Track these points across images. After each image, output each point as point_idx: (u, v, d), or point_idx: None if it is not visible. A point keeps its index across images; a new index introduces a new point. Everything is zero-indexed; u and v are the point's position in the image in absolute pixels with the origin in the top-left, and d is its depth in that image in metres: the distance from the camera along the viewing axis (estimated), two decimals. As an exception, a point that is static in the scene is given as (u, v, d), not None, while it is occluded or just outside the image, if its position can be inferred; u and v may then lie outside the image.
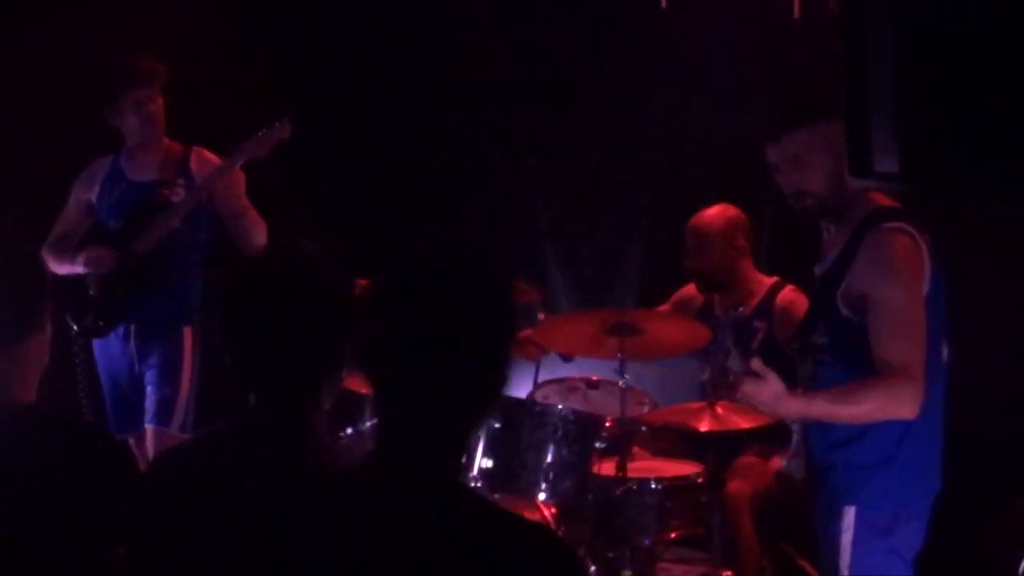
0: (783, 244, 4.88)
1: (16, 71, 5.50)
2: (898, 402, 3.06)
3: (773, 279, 4.86)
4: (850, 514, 3.18)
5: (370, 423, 5.28)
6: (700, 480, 4.37)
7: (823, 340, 3.26)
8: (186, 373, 4.84)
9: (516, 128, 6.31)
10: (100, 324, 4.88)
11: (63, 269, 4.83)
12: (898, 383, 3.05)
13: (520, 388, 5.32)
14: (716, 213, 4.86)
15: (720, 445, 4.33)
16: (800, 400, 3.17)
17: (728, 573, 4.34)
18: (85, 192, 5.00)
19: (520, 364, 5.57)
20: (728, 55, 5.59)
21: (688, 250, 4.88)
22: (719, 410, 4.23)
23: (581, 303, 6.02)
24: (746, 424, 4.18)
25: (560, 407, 4.48)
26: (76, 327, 4.89)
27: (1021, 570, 3.95)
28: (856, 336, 3.15)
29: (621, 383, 4.37)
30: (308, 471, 2.28)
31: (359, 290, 2.33)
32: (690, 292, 5.02)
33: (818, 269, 3.36)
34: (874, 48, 2.08)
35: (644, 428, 4.80)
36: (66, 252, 4.89)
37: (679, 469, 4.52)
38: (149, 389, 4.84)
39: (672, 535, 4.38)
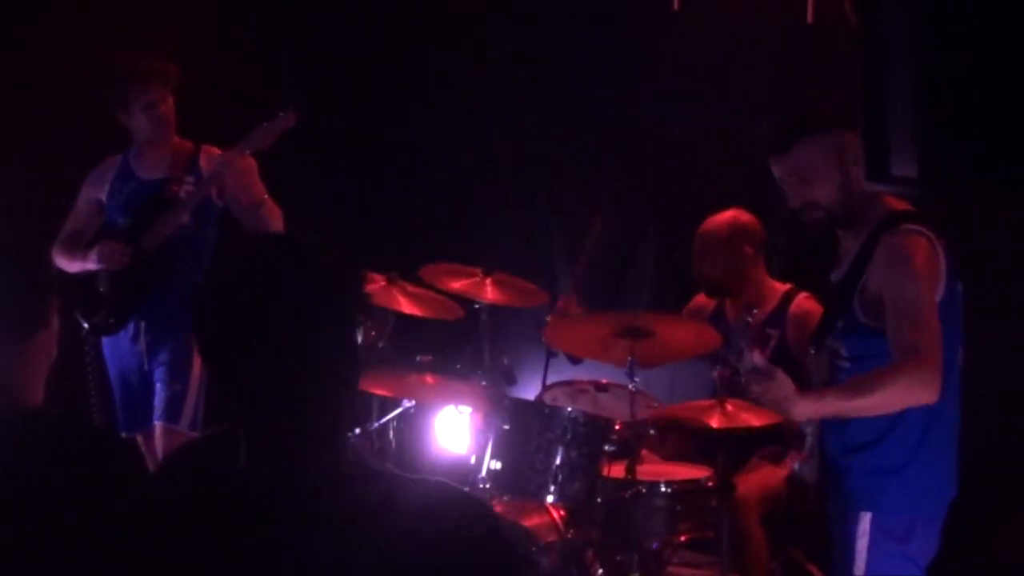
0: (798, 250, 4.86)
1: (25, 70, 5.52)
2: (915, 386, 3.02)
3: (787, 286, 4.84)
4: (866, 520, 3.17)
5: (378, 423, 5.30)
6: (709, 483, 4.36)
7: (839, 346, 3.24)
8: (196, 370, 4.85)
9: (525, 129, 6.30)
10: (111, 321, 4.89)
11: (75, 267, 4.84)
12: (913, 367, 3.01)
13: (529, 390, 5.32)
14: (723, 220, 4.84)
15: (730, 446, 4.31)
16: (811, 400, 3.15)
17: (736, 577, 4.34)
18: (95, 190, 5.00)
19: (529, 367, 5.57)
20: (740, 58, 5.59)
21: (695, 255, 4.88)
22: (729, 407, 4.21)
23: (591, 307, 6.01)
24: (757, 422, 4.17)
25: (569, 409, 4.47)
26: (86, 324, 4.89)
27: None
28: (874, 343, 3.14)
29: (631, 386, 4.36)
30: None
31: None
32: (701, 301, 5.02)
33: (834, 276, 3.35)
34: (891, 51, 2.07)
35: (652, 431, 4.79)
36: (77, 250, 4.89)
37: (689, 472, 4.51)
38: (159, 386, 4.85)
39: (681, 538, 4.37)
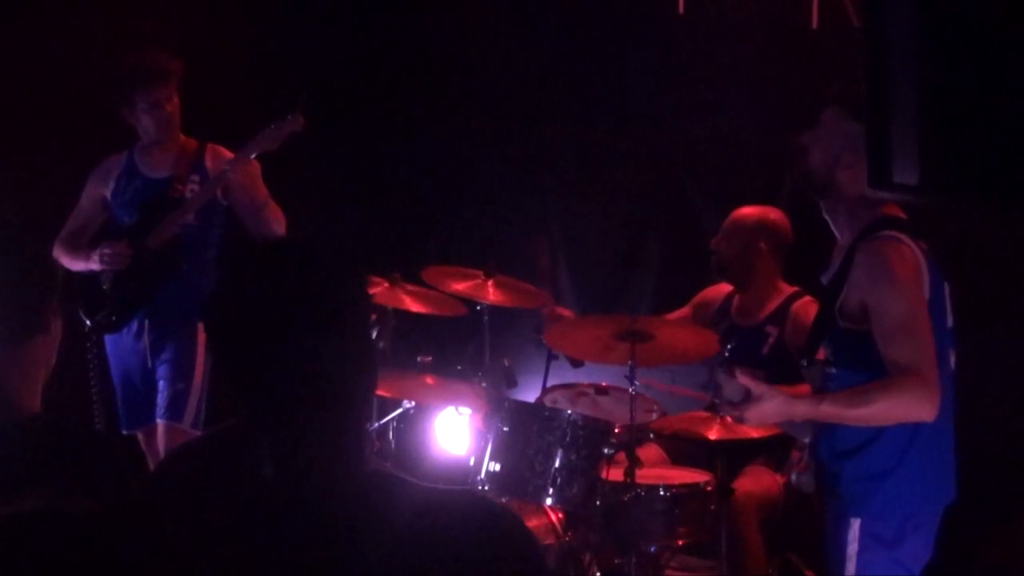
0: (798, 250, 4.87)
1: (29, 67, 5.52)
2: (913, 403, 3.04)
3: (794, 288, 4.86)
4: (856, 526, 3.18)
5: (378, 424, 5.30)
6: (708, 488, 4.36)
7: (828, 350, 3.25)
8: (199, 369, 4.85)
9: (531, 132, 6.31)
10: (113, 319, 4.89)
11: (77, 266, 4.84)
12: (912, 383, 3.03)
13: (529, 392, 5.32)
14: (753, 210, 4.88)
15: (729, 453, 4.32)
16: (808, 402, 3.18)
17: (734, 582, 4.34)
18: (99, 188, 5.00)
19: (529, 369, 5.58)
20: (744, 62, 5.60)
21: (720, 230, 4.91)
22: (728, 419, 4.22)
23: (592, 309, 6.02)
24: (756, 433, 4.18)
25: (569, 412, 4.48)
26: (89, 322, 4.89)
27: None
28: (856, 347, 3.15)
29: (631, 390, 4.37)
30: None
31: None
32: (710, 295, 5.03)
33: (824, 279, 3.36)
34: (895, 58, 2.08)
35: (652, 436, 4.81)
36: (80, 249, 4.90)
37: (687, 477, 4.51)
38: (161, 384, 4.85)
39: (679, 542, 4.38)
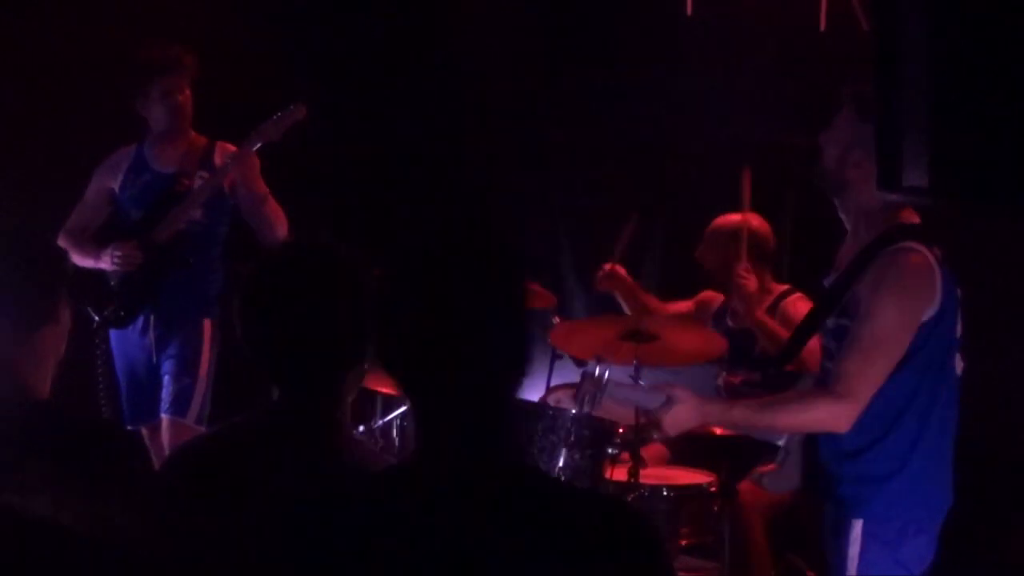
0: (803, 253, 4.87)
1: (41, 59, 5.52)
2: (827, 420, 3.08)
3: (784, 287, 4.87)
4: (857, 527, 3.17)
5: (382, 421, 5.30)
6: (712, 489, 4.37)
7: (830, 344, 3.25)
8: (204, 365, 4.86)
9: (536, 132, 6.32)
10: (120, 314, 4.89)
11: (86, 263, 4.83)
12: (835, 403, 3.05)
13: (533, 392, 5.33)
14: (732, 219, 4.86)
15: (733, 454, 4.32)
16: (720, 406, 3.21)
17: (737, 583, 4.34)
18: (107, 181, 5.00)
19: (533, 368, 5.58)
20: (752, 63, 5.60)
21: (702, 241, 4.95)
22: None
23: (596, 309, 6.02)
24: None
25: (573, 411, 4.48)
26: (96, 317, 4.90)
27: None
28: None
29: (636, 389, 4.36)
30: (337, 467, 2.27)
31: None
32: (711, 296, 5.04)
33: (827, 281, 3.35)
34: (906, 60, 2.08)
35: (656, 436, 4.80)
36: (87, 243, 4.90)
37: (691, 477, 4.51)
38: (166, 380, 4.86)
39: (682, 543, 4.38)
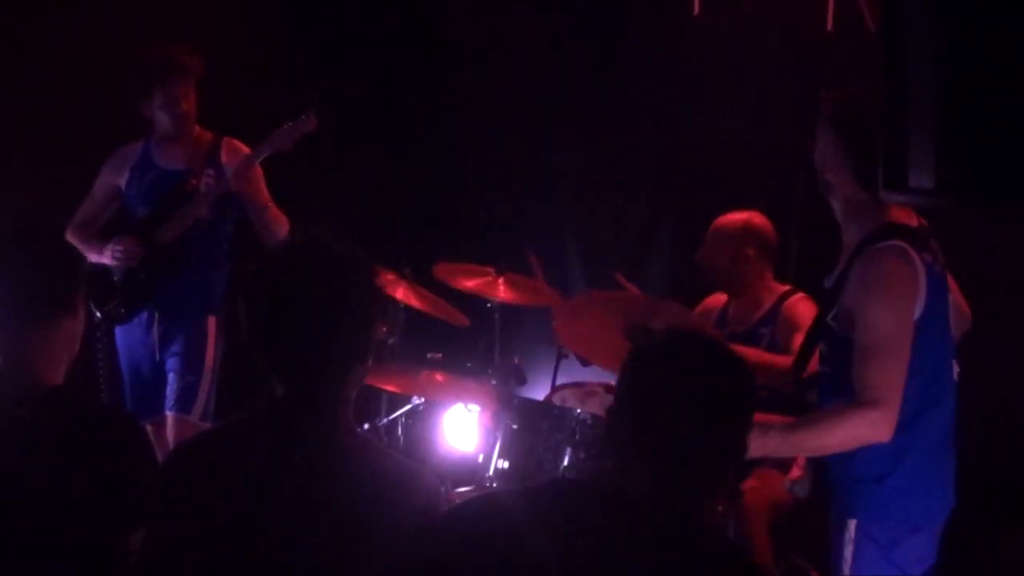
0: (810, 253, 4.87)
1: (52, 56, 5.53)
2: (866, 433, 3.06)
3: (785, 287, 4.86)
4: (851, 526, 3.18)
5: (387, 419, 5.31)
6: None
7: (824, 349, 3.25)
8: (208, 362, 4.87)
9: (544, 130, 6.31)
10: (122, 311, 4.91)
11: (90, 257, 4.84)
12: (865, 410, 3.04)
13: (538, 390, 5.33)
14: (737, 218, 4.84)
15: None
16: (756, 438, 3.12)
17: (740, 583, 4.33)
18: (114, 176, 5.01)
19: (539, 367, 5.58)
20: (759, 63, 5.59)
21: (704, 243, 4.89)
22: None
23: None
24: None
25: (578, 411, 4.47)
26: (99, 313, 4.91)
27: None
28: (848, 351, 3.14)
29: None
30: (341, 462, 2.28)
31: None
32: (710, 304, 5.02)
33: (827, 282, 3.35)
34: (913, 61, 2.08)
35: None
36: (91, 238, 4.91)
37: (695, 477, 4.50)
38: (171, 376, 4.87)
39: (686, 543, 4.37)
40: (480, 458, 4.50)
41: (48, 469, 2.47)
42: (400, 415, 5.28)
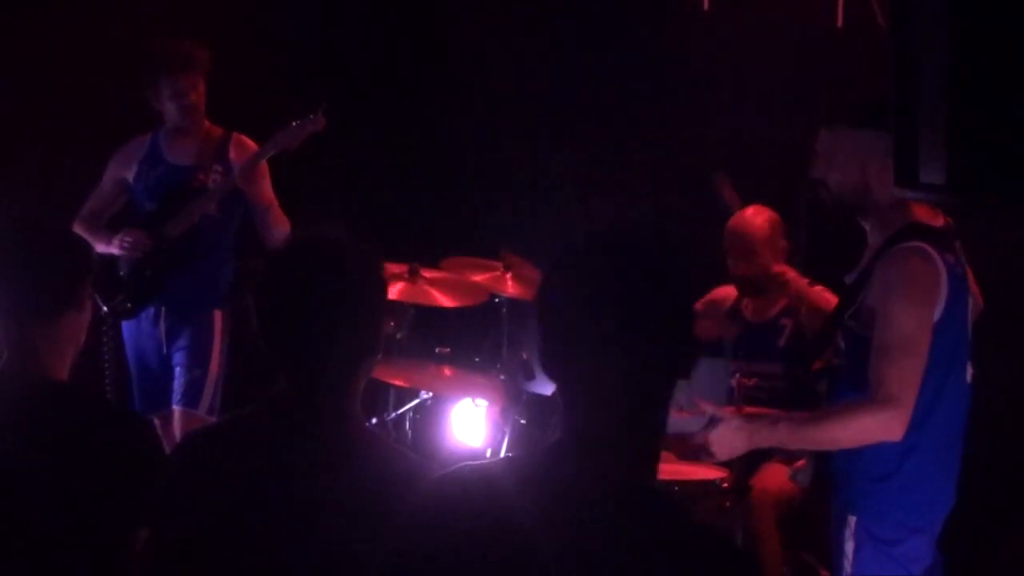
0: (819, 247, 4.85)
1: (63, 52, 5.53)
2: (878, 430, 3.06)
3: (805, 280, 4.84)
4: (852, 523, 3.19)
5: (395, 413, 5.31)
6: (724, 485, 4.35)
7: (840, 342, 3.24)
8: (215, 356, 4.88)
9: (554, 126, 6.30)
10: (128, 306, 4.91)
11: (98, 248, 4.84)
12: (882, 411, 3.04)
13: (546, 385, 5.32)
14: (761, 219, 4.80)
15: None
16: (763, 427, 3.16)
17: (748, 580, 4.32)
18: (122, 170, 5.01)
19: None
20: (768, 59, 5.57)
21: (733, 256, 4.81)
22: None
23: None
24: None
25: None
26: (105, 307, 4.91)
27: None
28: (864, 347, 3.13)
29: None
30: (348, 456, 2.27)
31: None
32: (721, 294, 5.01)
33: (848, 279, 3.34)
34: (924, 59, 2.07)
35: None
36: (100, 230, 4.92)
37: (704, 473, 4.49)
38: (178, 371, 4.87)
39: (694, 539, 4.36)
40: (488, 453, 4.50)
41: (53, 466, 2.47)
42: (408, 410, 5.27)
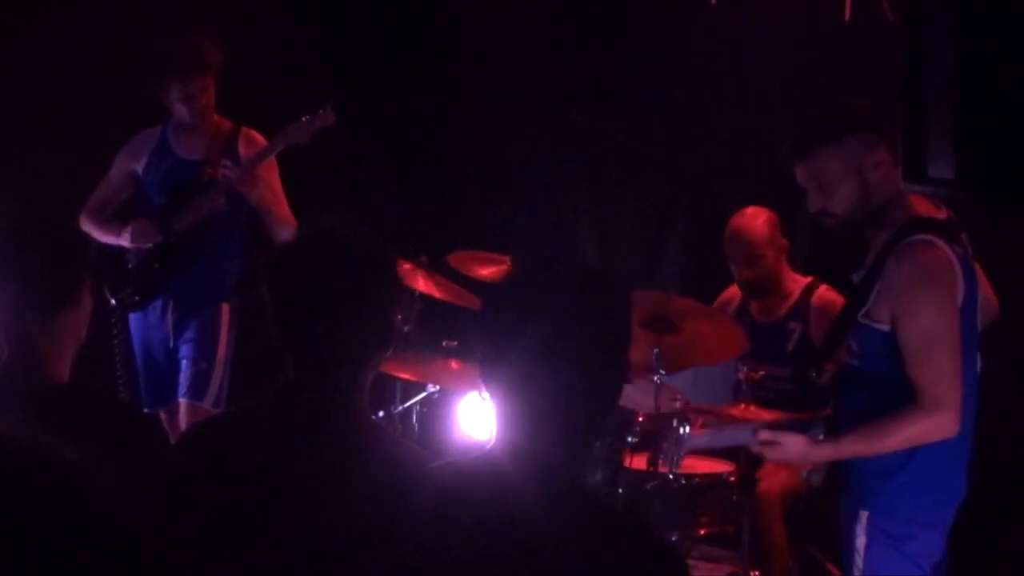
0: (821, 244, 4.85)
1: (65, 45, 5.53)
2: (934, 431, 3.07)
3: (808, 279, 4.83)
4: (864, 518, 3.19)
5: (401, 407, 5.31)
6: (731, 479, 4.36)
7: (852, 342, 3.24)
8: (222, 349, 4.88)
9: (560, 119, 6.30)
10: (136, 299, 4.91)
11: (107, 239, 4.86)
12: (931, 414, 3.04)
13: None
14: (760, 220, 4.79)
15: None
16: (828, 447, 3.21)
17: (755, 574, 4.33)
18: (130, 163, 5.01)
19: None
20: (776, 54, 5.57)
21: (737, 262, 4.80)
22: (753, 410, 4.22)
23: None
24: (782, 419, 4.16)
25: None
26: (113, 300, 4.92)
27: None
28: (879, 341, 3.13)
29: (656, 378, 4.36)
30: (355, 449, 2.28)
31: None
32: (728, 296, 5.00)
33: (855, 277, 3.33)
34: (932, 54, 2.07)
35: (675, 423, 4.78)
36: (109, 222, 4.92)
37: (711, 467, 4.51)
38: (184, 363, 4.88)
39: (700, 532, 4.37)
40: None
41: (56, 466, 2.46)
42: (415, 403, 5.28)
